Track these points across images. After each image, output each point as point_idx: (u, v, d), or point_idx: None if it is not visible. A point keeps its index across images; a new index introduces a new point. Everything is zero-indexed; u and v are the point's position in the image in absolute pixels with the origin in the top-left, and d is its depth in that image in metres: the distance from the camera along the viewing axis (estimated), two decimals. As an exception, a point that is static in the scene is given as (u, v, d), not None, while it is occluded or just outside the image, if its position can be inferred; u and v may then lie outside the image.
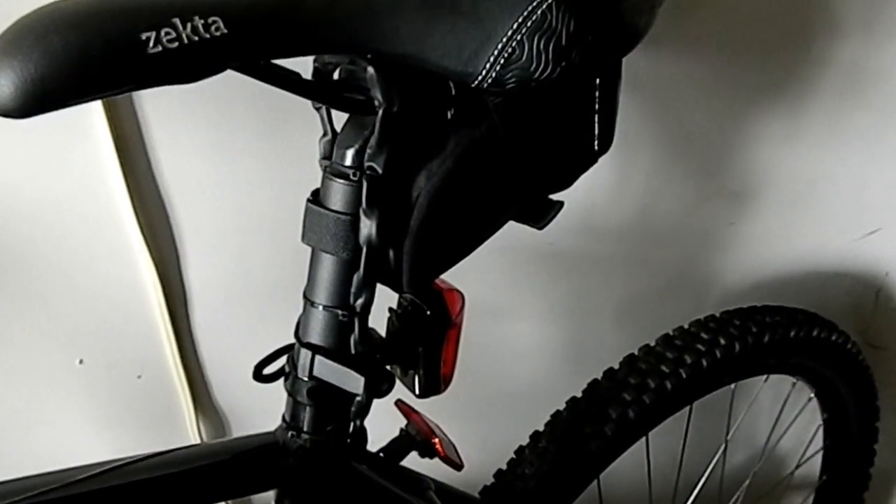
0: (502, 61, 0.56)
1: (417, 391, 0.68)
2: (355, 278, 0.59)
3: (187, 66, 0.45)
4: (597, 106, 0.66)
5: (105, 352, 1.01)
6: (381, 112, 0.56)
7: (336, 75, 0.60)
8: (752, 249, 1.23)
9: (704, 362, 1.00)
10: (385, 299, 0.64)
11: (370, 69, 0.55)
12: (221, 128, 0.90)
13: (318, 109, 0.63)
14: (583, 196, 1.08)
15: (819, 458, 1.34)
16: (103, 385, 1.05)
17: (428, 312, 0.65)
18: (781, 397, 1.29)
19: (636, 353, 1.03)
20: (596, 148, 0.68)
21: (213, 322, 1.05)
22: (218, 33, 0.45)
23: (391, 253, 0.59)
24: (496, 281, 1.12)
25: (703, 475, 1.22)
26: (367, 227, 0.57)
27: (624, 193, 1.12)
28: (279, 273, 0.97)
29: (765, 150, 1.14)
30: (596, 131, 0.67)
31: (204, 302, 1.03)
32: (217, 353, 1.08)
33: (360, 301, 0.60)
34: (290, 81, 0.55)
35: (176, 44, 0.44)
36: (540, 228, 0.71)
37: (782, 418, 1.31)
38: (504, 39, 0.55)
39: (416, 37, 0.53)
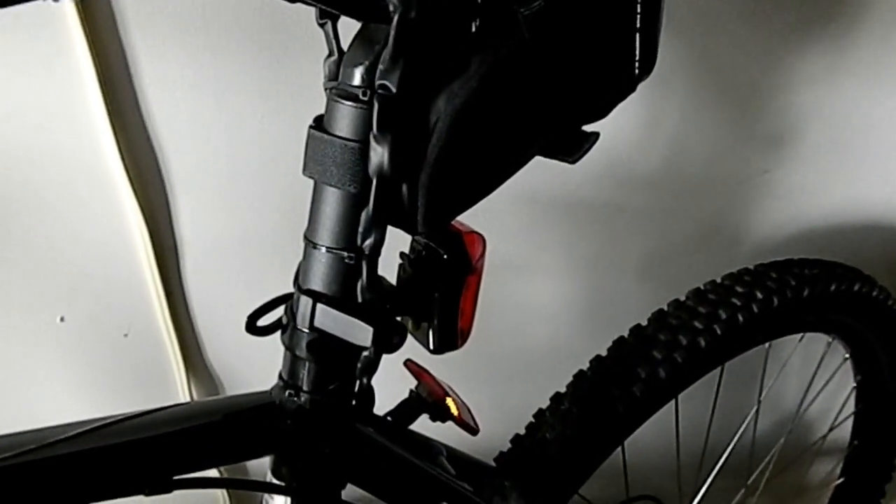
0: None
1: (431, 345, 0.64)
2: (363, 215, 0.55)
3: None
4: (638, 22, 0.62)
5: (88, 308, 1.00)
6: (396, 18, 0.50)
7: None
8: (786, 199, 1.21)
9: (741, 318, 0.95)
10: (396, 244, 0.61)
11: None
12: (215, 60, 0.87)
13: (322, 25, 0.58)
14: (608, 141, 1.01)
15: (850, 422, 1.32)
16: (87, 344, 1.03)
17: (445, 256, 0.62)
18: (814, 357, 1.26)
19: (666, 308, 0.98)
20: (636, 71, 0.64)
21: (205, 273, 1.03)
22: None
23: (404, 187, 0.55)
24: (513, 231, 1.11)
25: (731, 440, 1.19)
26: (378, 154, 0.52)
27: (653, 138, 1.09)
28: (278, 217, 0.97)
29: (804, 91, 1.10)
30: (637, 52, 0.63)
31: (195, 251, 1.01)
32: (210, 308, 1.06)
33: (368, 241, 0.56)
34: None
35: None
36: (572, 162, 0.65)
37: (815, 380, 1.28)
38: None
39: None
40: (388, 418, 0.73)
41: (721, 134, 1.11)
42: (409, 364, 0.77)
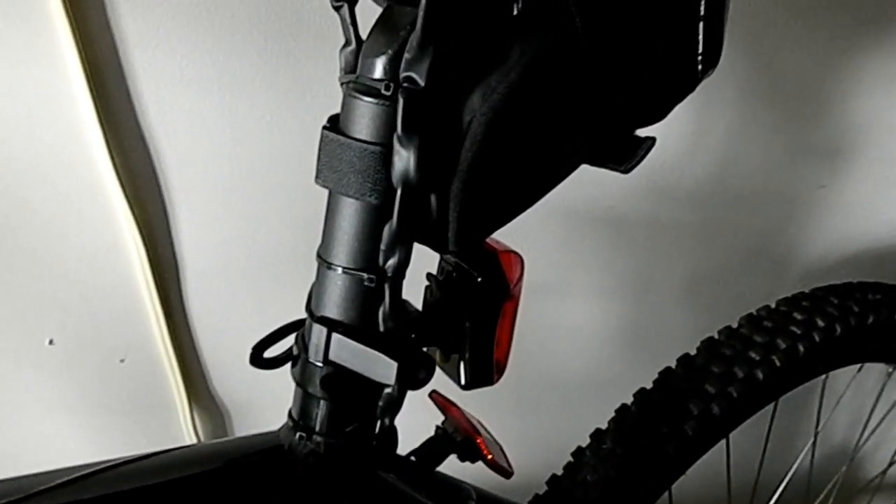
0: None
1: (463, 380, 0.61)
2: (386, 231, 0.52)
3: None
4: (703, 9, 0.58)
5: (79, 330, 0.98)
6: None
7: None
8: (842, 216, 1.18)
9: (801, 348, 0.89)
10: (421, 262, 0.57)
11: None
12: (218, 51, 0.84)
13: (337, 9, 0.54)
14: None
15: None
16: (78, 370, 1.00)
17: (479, 279, 0.59)
18: (873, 388, 1.23)
19: (717, 336, 0.93)
20: (699, 66, 0.60)
21: (208, 293, 1.00)
22: None
23: (433, 198, 0.51)
24: (547, 248, 1.07)
25: (786, 475, 1.15)
26: (404, 160, 0.49)
27: (698, 148, 1.05)
28: (290, 230, 0.95)
29: (866, 100, 1.07)
30: (700, 44, 0.59)
31: (197, 268, 0.98)
32: (214, 331, 1.03)
33: (392, 261, 0.52)
34: None
35: None
36: (624, 171, 0.61)
37: (873, 412, 1.24)
38: None
39: None
40: (413, 459, 0.69)
41: (773, 145, 1.08)
42: (436, 396, 0.73)
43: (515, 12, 0.50)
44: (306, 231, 0.64)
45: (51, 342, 0.97)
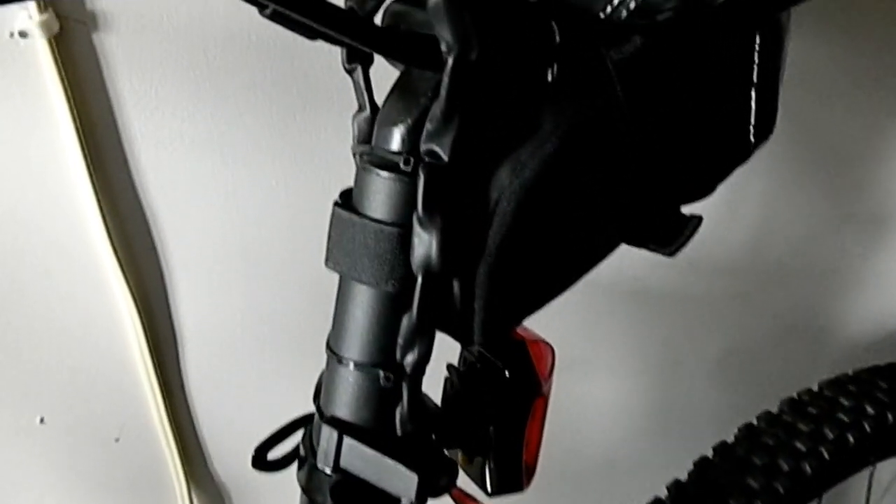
0: None
1: (489, 487, 0.58)
2: (405, 322, 0.49)
3: None
4: (755, 74, 0.55)
5: (72, 407, 0.96)
6: (450, 61, 0.42)
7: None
8: (886, 290, 1.17)
9: (851, 438, 0.87)
10: (440, 350, 0.53)
11: None
12: (220, 112, 0.83)
13: (350, 71, 0.51)
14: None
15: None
16: (71, 449, 0.98)
17: (506, 373, 0.56)
18: None
19: (756, 422, 0.91)
20: (752, 136, 0.58)
21: (209, 369, 0.99)
22: None
23: (457, 285, 0.48)
24: (570, 322, 1.05)
25: None
26: (425, 243, 0.46)
27: (733, 214, 1.05)
28: (297, 305, 0.94)
29: None
30: (753, 111, 0.57)
31: (197, 343, 0.96)
32: (214, 410, 1.02)
33: (411, 357, 0.49)
34: (315, 12, 0.41)
35: None
36: (669, 254, 0.59)
37: None
38: None
39: None
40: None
41: (814, 212, 1.07)
42: (456, 494, 0.67)
43: (550, 78, 0.47)
44: (314, 304, 0.64)
45: (42, 420, 0.95)
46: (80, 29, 0.75)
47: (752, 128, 0.58)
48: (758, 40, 0.54)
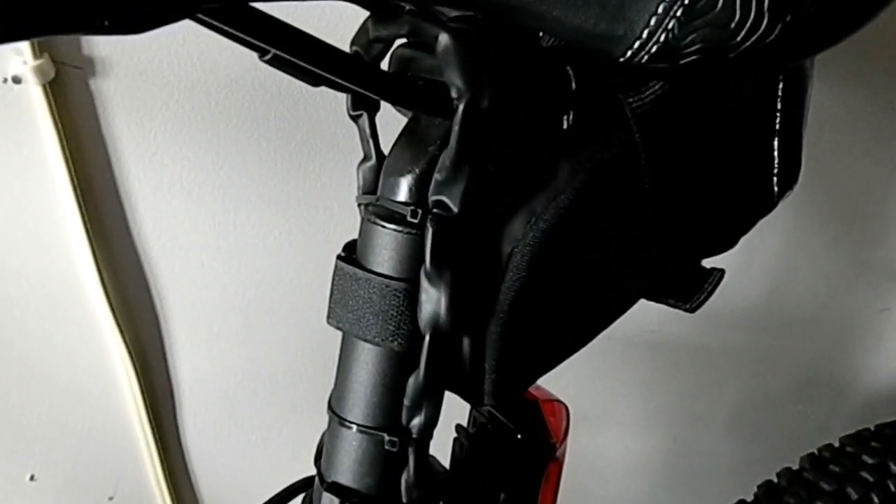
0: (681, 10, 0.39)
1: None
2: (411, 383, 0.46)
3: None
4: (778, 123, 0.55)
5: (65, 465, 0.95)
6: (461, 108, 0.41)
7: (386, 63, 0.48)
8: None
9: (876, 499, 0.85)
10: (449, 410, 0.51)
11: (444, 38, 0.41)
12: (222, 161, 0.83)
13: (355, 118, 0.50)
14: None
15: None
16: None
17: (519, 436, 0.56)
18: None
19: (776, 479, 0.90)
20: (775, 186, 0.57)
21: (207, 428, 0.98)
22: None
23: (467, 343, 0.47)
24: (582, 374, 1.06)
25: None
26: (433, 300, 0.44)
27: (750, 265, 1.05)
28: (297, 362, 0.93)
29: None
30: (776, 161, 0.56)
31: (195, 398, 0.96)
32: (213, 467, 1.01)
33: (418, 420, 0.47)
34: (319, 58, 0.40)
35: None
36: (690, 310, 0.58)
37: None
38: None
39: None
40: None
41: (832, 263, 1.09)
42: None
43: (565, 126, 0.46)
44: (317, 360, 0.67)
45: (32, 478, 0.94)
46: (77, 74, 0.75)
47: (775, 177, 0.57)
48: (780, 87, 0.54)
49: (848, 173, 1.00)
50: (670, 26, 0.39)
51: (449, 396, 0.50)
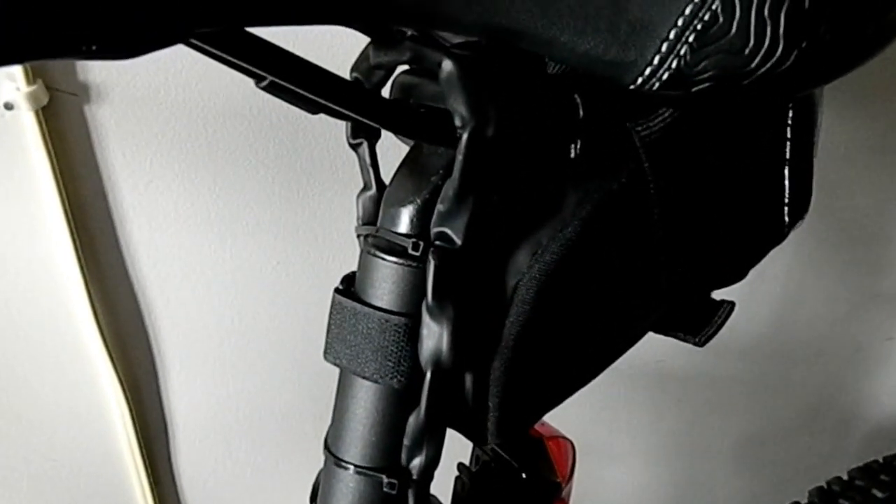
0: (693, 35, 0.38)
1: None
2: (412, 421, 0.46)
3: (112, 13, 0.30)
4: (788, 151, 0.54)
5: (55, 502, 0.93)
6: (465, 137, 0.40)
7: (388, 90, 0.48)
8: None
9: None
10: (450, 447, 0.50)
11: (447, 64, 0.40)
12: (219, 189, 0.82)
13: (355, 147, 0.50)
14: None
15: None
16: None
17: (523, 474, 0.55)
18: None
19: None
20: (786, 216, 0.56)
21: (202, 464, 0.97)
22: None
23: (470, 379, 0.45)
24: (586, 408, 1.06)
25: None
26: (435, 336, 0.43)
27: (755, 295, 1.05)
28: (295, 397, 0.92)
29: None
30: (786, 190, 0.55)
31: (191, 437, 0.95)
32: None
33: (418, 460, 0.46)
34: (317, 85, 0.39)
35: None
36: (699, 343, 0.57)
37: None
38: None
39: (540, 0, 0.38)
40: None
41: (838, 292, 1.09)
42: None
43: (573, 155, 0.45)
44: (315, 395, 0.67)
45: None
46: (71, 100, 0.74)
47: (786, 207, 0.56)
48: (790, 114, 0.53)
49: (854, 201, 1.00)
50: (682, 52, 0.38)
51: (450, 433, 0.49)
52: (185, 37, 0.32)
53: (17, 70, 0.69)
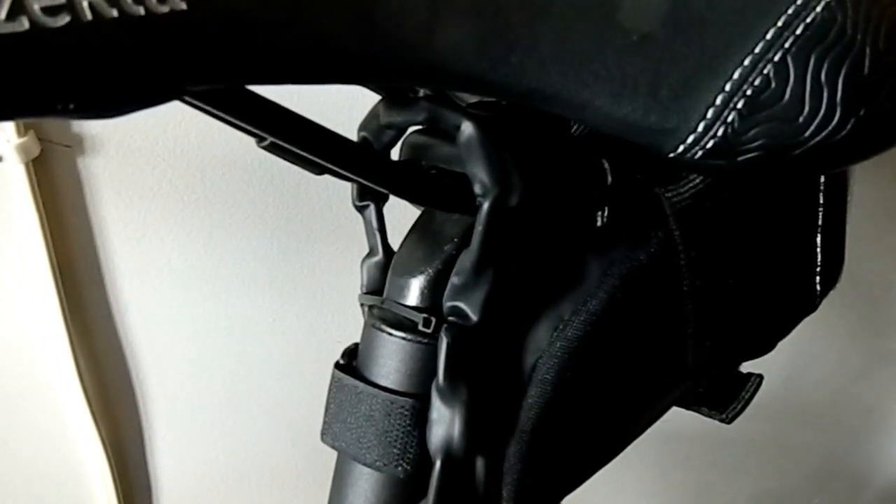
0: (742, 101, 0.35)
1: None
2: None
3: (90, 69, 0.27)
4: (821, 218, 0.52)
5: None
6: (486, 206, 0.37)
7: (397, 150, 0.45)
8: None
9: None
10: None
11: (467, 127, 0.37)
12: (214, 246, 0.81)
13: (362, 209, 0.47)
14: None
15: None
16: None
17: None
18: None
19: None
20: (818, 286, 0.54)
21: None
22: (166, 8, 0.27)
23: (482, 463, 0.42)
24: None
25: None
26: (446, 420, 0.40)
27: (765, 356, 1.00)
28: (290, 463, 0.90)
29: None
30: (818, 259, 0.53)
31: (175, 497, 0.92)
32: None
33: None
34: (321, 147, 0.36)
35: (67, 19, 0.26)
36: (726, 421, 0.55)
37: None
38: (747, 60, 0.35)
39: (572, 61, 0.35)
40: None
41: (851, 350, 1.08)
42: None
43: (599, 223, 0.42)
44: (310, 462, 0.67)
45: None
46: (64, 152, 0.72)
47: (818, 276, 0.53)
48: (823, 180, 0.51)
49: (865, 260, 0.99)
50: (730, 119, 0.35)
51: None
52: (176, 95, 0.29)
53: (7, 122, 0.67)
